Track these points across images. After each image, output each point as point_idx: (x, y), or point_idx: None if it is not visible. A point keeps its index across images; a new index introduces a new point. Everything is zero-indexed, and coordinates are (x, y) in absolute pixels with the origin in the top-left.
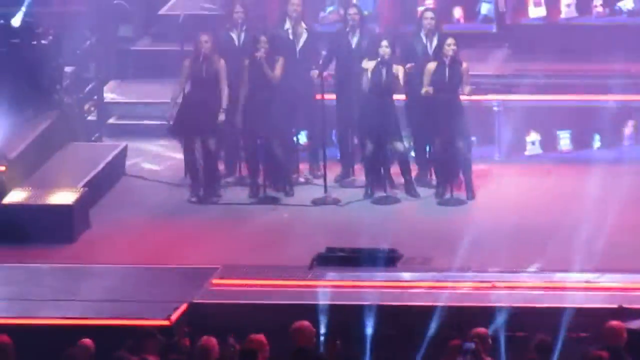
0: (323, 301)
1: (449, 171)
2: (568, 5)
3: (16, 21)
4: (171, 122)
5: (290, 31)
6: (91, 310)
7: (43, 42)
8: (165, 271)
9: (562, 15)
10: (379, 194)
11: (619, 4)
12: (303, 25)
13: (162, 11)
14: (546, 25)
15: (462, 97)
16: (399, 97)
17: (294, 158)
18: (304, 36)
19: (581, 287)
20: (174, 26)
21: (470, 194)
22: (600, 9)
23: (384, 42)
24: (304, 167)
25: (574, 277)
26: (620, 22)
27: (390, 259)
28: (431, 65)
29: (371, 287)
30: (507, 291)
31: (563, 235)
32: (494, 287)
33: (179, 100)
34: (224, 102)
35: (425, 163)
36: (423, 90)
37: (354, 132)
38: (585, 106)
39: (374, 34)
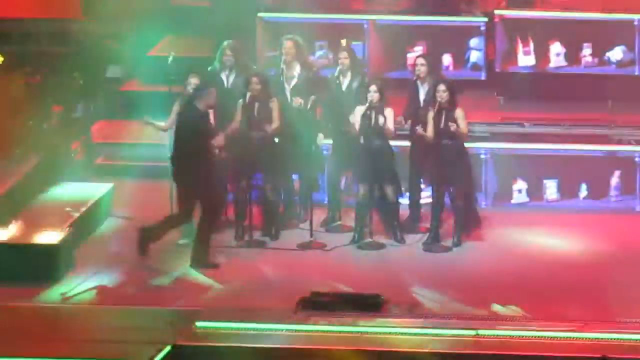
0: (307, 345)
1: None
2: (557, 54)
3: None
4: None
5: (282, 73)
6: (74, 350)
7: (31, 81)
8: (149, 312)
9: (551, 64)
10: (366, 239)
11: (608, 54)
12: (297, 69)
13: (151, 52)
14: (535, 74)
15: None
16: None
17: (292, 202)
18: (295, 80)
19: (565, 337)
20: (163, 68)
21: (458, 241)
22: (589, 59)
23: (373, 87)
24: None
25: (559, 326)
26: (609, 72)
27: (374, 304)
28: (429, 112)
29: (355, 332)
30: (491, 339)
31: (546, 284)
32: (477, 335)
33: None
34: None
35: (416, 209)
36: (419, 131)
37: (343, 176)
38: (573, 155)
39: (364, 78)
